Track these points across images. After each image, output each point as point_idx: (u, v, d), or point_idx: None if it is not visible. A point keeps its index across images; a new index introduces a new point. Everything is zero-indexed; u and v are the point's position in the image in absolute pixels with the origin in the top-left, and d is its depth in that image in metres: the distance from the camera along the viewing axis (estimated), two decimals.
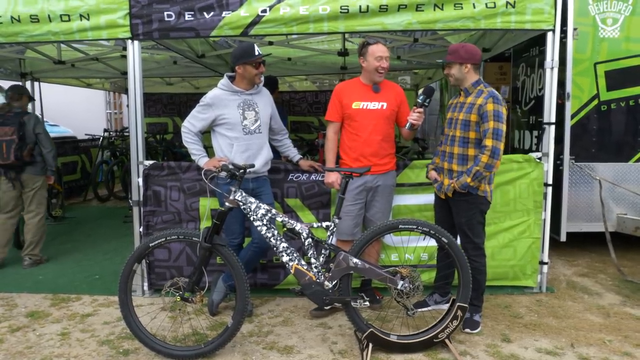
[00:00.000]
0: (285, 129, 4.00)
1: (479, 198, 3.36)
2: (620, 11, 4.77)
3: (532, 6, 3.72)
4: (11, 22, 3.89)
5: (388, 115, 3.67)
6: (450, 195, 3.39)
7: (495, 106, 3.21)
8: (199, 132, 3.63)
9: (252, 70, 3.52)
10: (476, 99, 3.31)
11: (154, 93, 10.13)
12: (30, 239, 4.98)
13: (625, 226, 4.82)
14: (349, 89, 3.71)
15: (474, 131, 3.31)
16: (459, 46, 3.42)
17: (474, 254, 3.40)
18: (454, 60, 3.35)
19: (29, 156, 4.85)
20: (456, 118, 3.41)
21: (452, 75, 3.39)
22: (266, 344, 3.31)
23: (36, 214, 5.01)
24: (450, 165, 3.43)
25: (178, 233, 3.14)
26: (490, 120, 3.20)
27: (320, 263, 3.17)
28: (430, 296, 3.80)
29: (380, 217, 3.71)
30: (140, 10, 3.82)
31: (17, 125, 4.78)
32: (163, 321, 3.61)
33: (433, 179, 3.58)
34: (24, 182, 4.92)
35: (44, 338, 3.42)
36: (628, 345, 3.26)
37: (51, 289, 4.31)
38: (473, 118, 3.29)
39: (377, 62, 3.56)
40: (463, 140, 3.36)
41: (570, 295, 4.10)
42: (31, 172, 4.92)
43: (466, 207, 3.38)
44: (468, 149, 3.35)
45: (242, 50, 3.52)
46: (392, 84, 3.79)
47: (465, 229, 3.41)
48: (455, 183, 3.31)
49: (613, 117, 4.89)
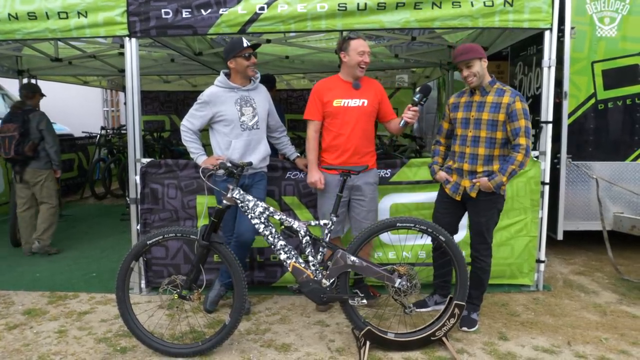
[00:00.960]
0: (282, 126, 3.99)
1: (500, 197, 3.36)
2: (618, 10, 4.78)
3: (530, 5, 3.72)
4: (8, 20, 3.88)
5: (369, 112, 3.64)
6: (474, 196, 3.34)
7: (523, 104, 3.20)
8: (198, 130, 3.64)
9: (244, 62, 3.52)
10: (500, 98, 3.24)
11: (151, 91, 10.10)
12: (39, 224, 5.27)
13: (621, 225, 4.84)
14: (328, 86, 3.65)
15: (500, 131, 3.25)
16: (471, 45, 3.31)
17: (485, 254, 3.40)
18: (474, 56, 3.22)
19: (31, 151, 5.11)
20: (477, 118, 3.30)
21: (475, 73, 3.23)
22: (264, 342, 3.31)
23: (46, 204, 5.30)
24: (473, 167, 3.33)
25: (176, 231, 3.14)
26: (521, 119, 3.18)
27: (317, 261, 3.18)
28: (431, 297, 3.80)
29: (365, 216, 3.66)
30: (138, 8, 3.81)
31: (21, 122, 5.09)
32: (160, 319, 3.61)
33: (444, 179, 3.50)
34: (28, 176, 5.19)
35: (41, 336, 3.42)
36: (624, 343, 3.27)
37: (48, 287, 4.31)
38: (501, 117, 3.23)
39: (360, 56, 3.52)
40: (490, 141, 3.28)
41: (567, 294, 4.12)
42: (35, 166, 5.19)
43: (488, 207, 3.34)
44: (494, 149, 3.29)
45: (231, 44, 3.54)
46: (371, 80, 3.74)
47: (484, 229, 3.37)
48: (490, 182, 3.23)
49: (610, 116, 4.91)
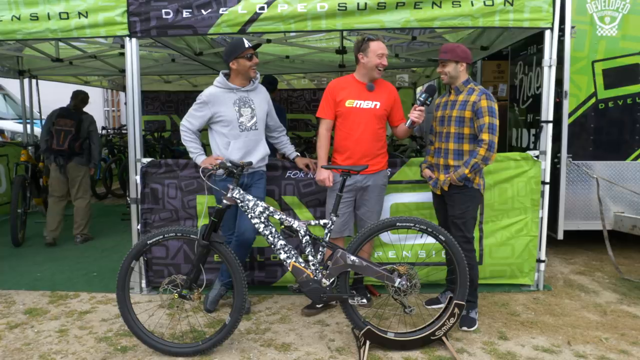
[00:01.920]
0: (282, 126, 4.00)
1: (473, 191, 3.44)
2: (618, 9, 4.78)
3: (530, 4, 3.72)
4: (10, 20, 3.89)
5: (380, 115, 3.65)
6: (446, 189, 3.46)
7: (489, 102, 3.34)
8: (197, 130, 3.65)
9: (246, 62, 3.53)
10: (468, 97, 3.40)
11: (152, 91, 10.12)
12: (79, 221, 5.79)
13: (622, 224, 4.83)
14: (342, 85, 3.68)
15: (468, 127, 3.40)
16: (454, 45, 3.49)
17: (466, 248, 3.42)
18: (450, 58, 3.41)
19: (79, 148, 5.64)
20: (449, 115, 3.48)
21: (447, 73, 3.45)
22: (264, 341, 3.32)
23: (83, 199, 5.78)
24: (447, 161, 3.49)
25: (176, 230, 3.15)
26: (485, 116, 3.32)
27: (317, 260, 3.18)
28: (443, 294, 3.81)
29: (370, 216, 3.71)
30: (138, 8, 3.82)
31: (77, 120, 5.65)
32: (161, 318, 3.62)
33: (428, 176, 3.65)
34: (70, 170, 5.66)
35: (42, 335, 3.43)
36: (624, 343, 3.27)
37: (49, 286, 4.32)
38: (467, 114, 3.38)
39: (379, 59, 3.55)
40: (458, 136, 3.44)
41: (567, 293, 4.12)
42: (77, 162, 5.67)
43: (461, 200, 3.44)
44: (463, 144, 3.43)
45: (232, 45, 3.54)
46: (386, 83, 3.76)
47: (459, 222, 3.45)
48: (454, 175, 3.37)
49: (610, 116, 4.90)
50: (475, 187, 3.43)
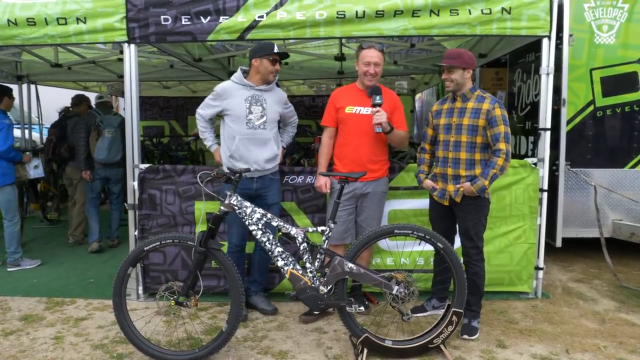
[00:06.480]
0: (292, 126, 4.01)
1: (484, 200, 3.40)
2: (616, 18, 4.80)
3: (527, 12, 3.74)
4: (7, 25, 3.88)
5: None
6: (458, 201, 3.37)
7: (502, 111, 3.29)
8: (210, 119, 3.76)
9: (269, 65, 3.58)
10: (480, 104, 3.32)
11: (150, 96, 10.12)
12: (73, 223, 5.90)
13: (620, 232, 4.83)
14: (343, 93, 3.74)
15: (480, 136, 3.33)
16: (460, 51, 3.39)
17: (477, 259, 3.41)
18: (458, 65, 3.30)
19: (66, 152, 5.74)
20: (458, 124, 3.38)
21: (453, 79, 3.34)
22: (261, 349, 3.30)
23: (78, 201, 5.85)
24: (457, 171, 3.40)
25: (173, 237, 3.13)
26: (500, 124, 3.26)
27: (315, 267, 3.17)
28: (429, 301, 3.79)
29: (370, 223, 3.71)
30: (137, 14, 3.83)
31: (60, 127, 5.89)
32: (157, 325, 3.60)
33: (430, 187, 3.55)
34: (68, 173, 5.86)
35: (38, 342, 3.40)
36: (623, 351, 3.26)
37: (45, 293, 4.29)
38: (481, 123, 3.30)
39: (365, 67, 3.55)
40: (470, 145, 3.36)
41: (566, 301, 4.11)
42: (72, 165, 5.80)
43: (474, 211, 3.38)
44: (475, 154, 3.36)
45: (262, 45, 3.63)
46: (387, 91, 3.75)
47: (472, 233, 3.40)
48: (473, 187, 3.27)
49: (608, 123, 4.91)
50: (486, 196, 3.39)
